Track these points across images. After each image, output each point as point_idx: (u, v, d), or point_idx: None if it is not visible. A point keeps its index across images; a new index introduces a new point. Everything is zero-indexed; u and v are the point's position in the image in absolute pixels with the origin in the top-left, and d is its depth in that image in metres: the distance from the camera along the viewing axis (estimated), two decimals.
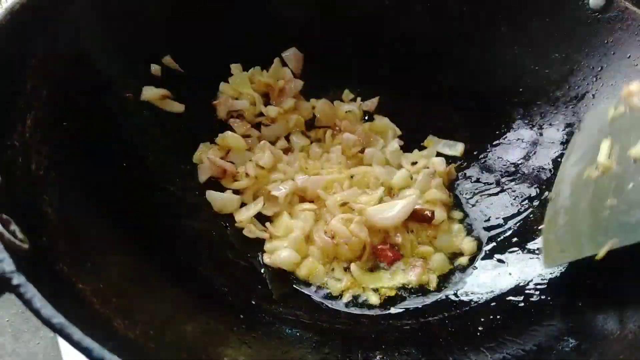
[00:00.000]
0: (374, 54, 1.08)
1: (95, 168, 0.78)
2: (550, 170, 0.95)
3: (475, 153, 1.04)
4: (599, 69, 0.89)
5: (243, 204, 0.96)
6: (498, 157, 1.01)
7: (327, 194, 0.95)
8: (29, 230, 0.55)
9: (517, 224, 0.94)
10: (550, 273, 0.83)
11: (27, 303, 0.49)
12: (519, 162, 0.99)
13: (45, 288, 0.51)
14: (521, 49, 0.96)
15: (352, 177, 0.99)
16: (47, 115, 0.73)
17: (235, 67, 1.05)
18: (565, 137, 0.93)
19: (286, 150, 1.03)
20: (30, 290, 0.49)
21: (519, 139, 1.00)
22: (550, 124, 0.96)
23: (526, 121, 0.99)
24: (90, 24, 0.82)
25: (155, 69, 0.96)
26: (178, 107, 0.98)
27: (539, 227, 0.89)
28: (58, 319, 0.48)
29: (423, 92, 1.07)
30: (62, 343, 1.00)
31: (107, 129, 0.84)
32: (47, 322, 0.48)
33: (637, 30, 0.85)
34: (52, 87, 0.75)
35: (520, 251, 0.90)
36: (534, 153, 0.98)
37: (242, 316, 0.78)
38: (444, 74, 1.05)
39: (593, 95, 0.90)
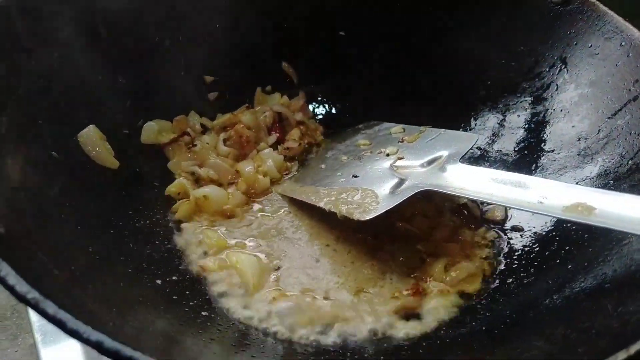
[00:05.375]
0: (339, 47, 1.10)
1: (70, 159, 0.80)
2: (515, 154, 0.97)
3: None
4: (563, 59, 0.92)
5: None
6: None
7: None
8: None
9: None
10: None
11: (2, 280, 0.49)
12: (484, 147, 1.01)
13: (20, 269, 0.51)
14: (487, 43, 0.99)
15: None
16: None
17: None
18: (531, 125, 0.96)
19: None
20: (5, 269, 0.50)
21: (482, 125, 1.02)
22: (515, 114, 0.98)
23: (493, 112, 1.01)
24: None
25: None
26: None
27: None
28: (33, 294, 0.48)
29: (390, 86, 1.09)
30: (42, 350, 0.98)
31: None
32: (22, 298, 0.48)
33: (596, 20, 0.88)
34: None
35: None
36: (499, 138, 1.00)
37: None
38: (412, 68, 1.07)
39: (557, 85, 0.93)
